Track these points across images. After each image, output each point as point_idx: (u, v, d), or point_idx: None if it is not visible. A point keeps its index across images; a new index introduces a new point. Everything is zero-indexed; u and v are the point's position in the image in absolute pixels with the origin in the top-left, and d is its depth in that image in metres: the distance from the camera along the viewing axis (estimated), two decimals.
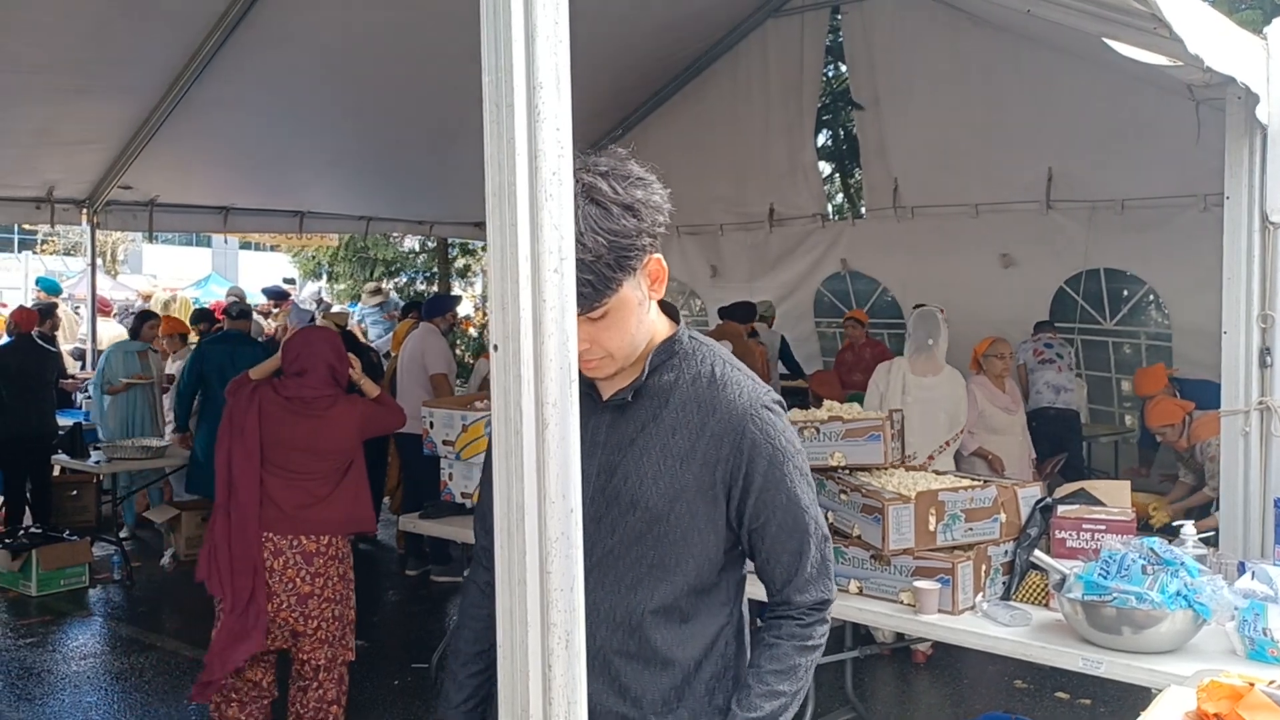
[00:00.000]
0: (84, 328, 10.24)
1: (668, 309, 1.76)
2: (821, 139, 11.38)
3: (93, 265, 9.13)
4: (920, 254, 8.58)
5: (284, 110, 7.58)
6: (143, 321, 7.93)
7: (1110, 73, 6.60)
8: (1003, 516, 3.43)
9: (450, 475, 5.14)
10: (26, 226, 23.09)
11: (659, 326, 1.71)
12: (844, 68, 9.71)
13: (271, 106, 7.47)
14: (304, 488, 3.77)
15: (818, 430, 3.59)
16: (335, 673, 3.90)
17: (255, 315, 9.95)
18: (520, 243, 1.41)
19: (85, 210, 8.07)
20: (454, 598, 6.21)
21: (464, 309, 16.67)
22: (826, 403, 3.83)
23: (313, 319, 8.09)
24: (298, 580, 3.73)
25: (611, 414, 1.70)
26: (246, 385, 3.84)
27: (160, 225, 8.62)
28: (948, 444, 5.25)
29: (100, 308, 9.84)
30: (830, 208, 10.69)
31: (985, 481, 3.62)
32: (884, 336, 8.96)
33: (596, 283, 1.53)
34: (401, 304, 11.36)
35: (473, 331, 14.49)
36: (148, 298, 13.52)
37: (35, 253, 28.67)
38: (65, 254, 25.85)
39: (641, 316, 1.63)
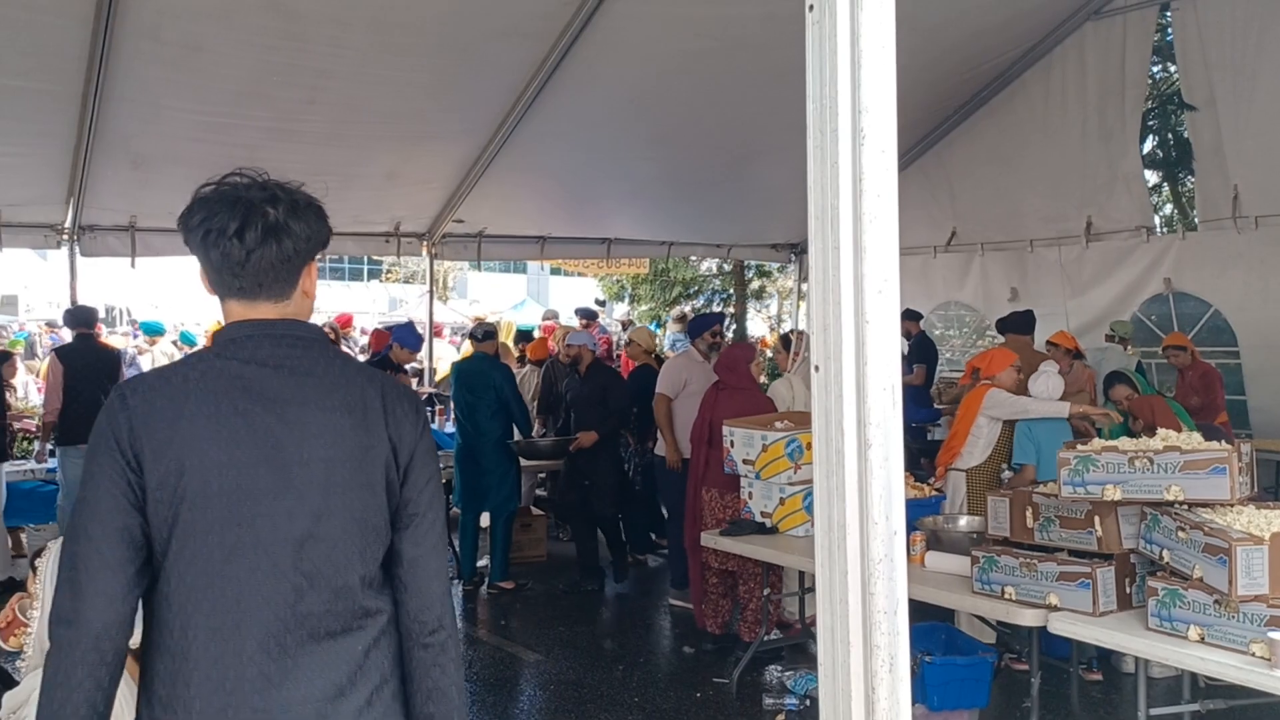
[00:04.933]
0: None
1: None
2: (1147, 145, 10.51)
3: (431, 291, 10.12)
4: (1265, 270, 7.68)
5: (594, 145, 8.05)
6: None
7: None
8: None
9: (750, 494, 5.21)
10: (374, 257, 25.99)
11: None
12: (1173, 68, 8.95)
13: (583, 142, 7.95)
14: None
15: (1151, 462, 3.31)
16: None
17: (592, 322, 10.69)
18: (843, 265, 1.43)
19: (425, 242, 8.95)
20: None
21: (758, 329, 16.86)
22: (1161, 431, 3.53)
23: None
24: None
25: None
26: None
27: (487, 254, 9.40)
28: None
29: (435, 330, 10.87)
30: (1157, 219, 9.81)
31: None
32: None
33: None
34: None
35: (768, 352, 14.57)
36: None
37: (381, 281, 32.08)
38: (404, 281, 28.63)
39: None
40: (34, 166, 6.55)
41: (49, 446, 7.34)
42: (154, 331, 11.71)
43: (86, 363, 6.94)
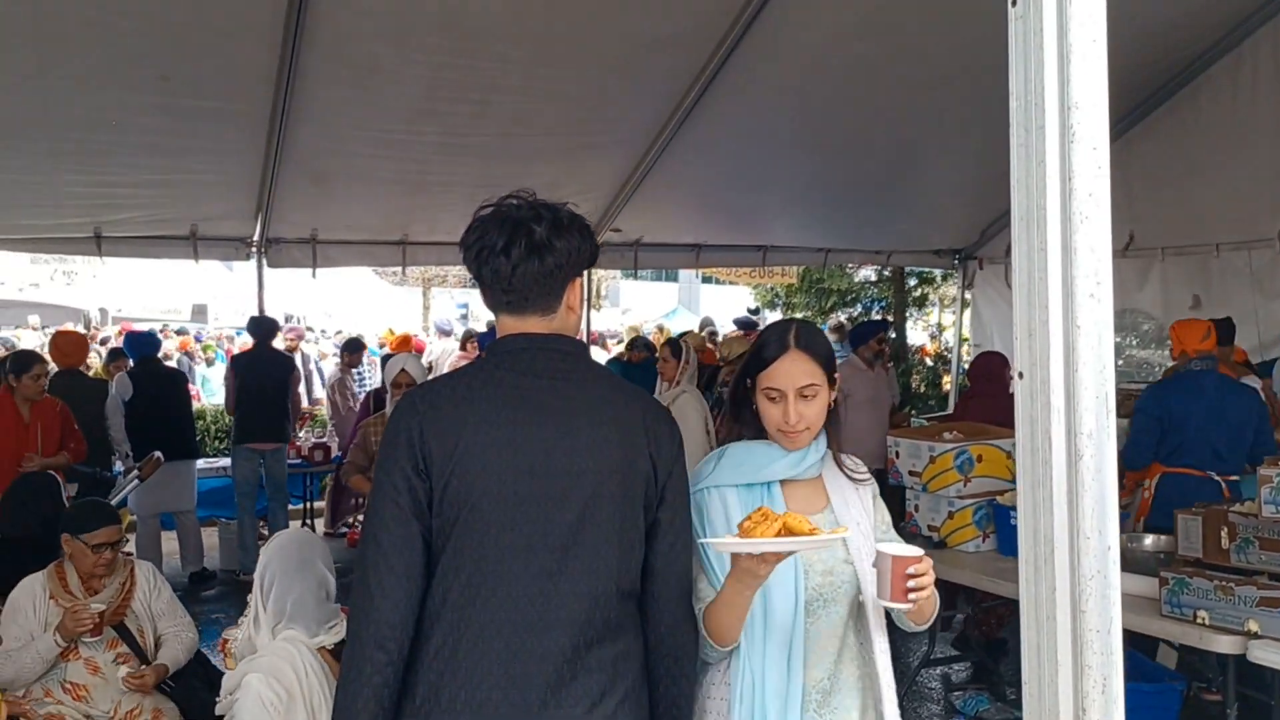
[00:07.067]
0: None
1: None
2: None
3: (587, 300, 10.30)
4: None
5: (750, 151, 8.00)
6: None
7: None
8: None
9: (916, 507, 5.07)
10: None
11: None
12: None
13: (739, 149, 7.92)
14: None
15: None
16: None
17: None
18: (1050, 267, 1.38)
19: None
20: None
21: (918, 338, 16.42)
22: None
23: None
24: None
25: None
26: None
27: (643, 263, 9.49)
28: None
29: (591, 338, 11.06)
30: None
31: None
32: None
33: None
34: None
35: (929, 360, 14.21)
36: (635, 329, 14.96)
37: None
38: None
39: None
40: (227, 183, 6.99)
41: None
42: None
43: (259, 369, 7.60)
